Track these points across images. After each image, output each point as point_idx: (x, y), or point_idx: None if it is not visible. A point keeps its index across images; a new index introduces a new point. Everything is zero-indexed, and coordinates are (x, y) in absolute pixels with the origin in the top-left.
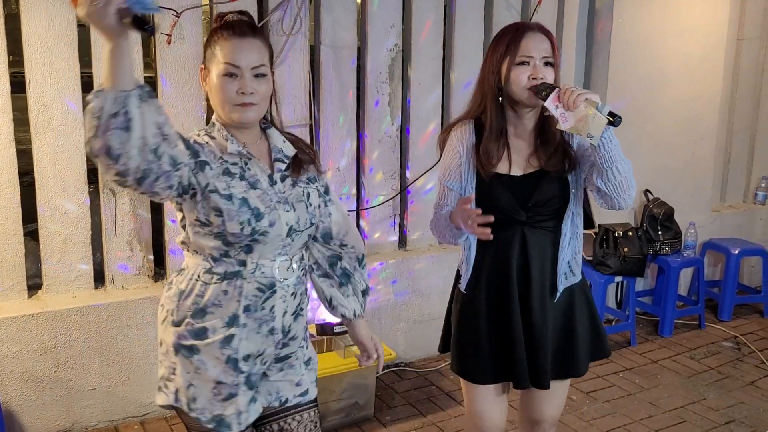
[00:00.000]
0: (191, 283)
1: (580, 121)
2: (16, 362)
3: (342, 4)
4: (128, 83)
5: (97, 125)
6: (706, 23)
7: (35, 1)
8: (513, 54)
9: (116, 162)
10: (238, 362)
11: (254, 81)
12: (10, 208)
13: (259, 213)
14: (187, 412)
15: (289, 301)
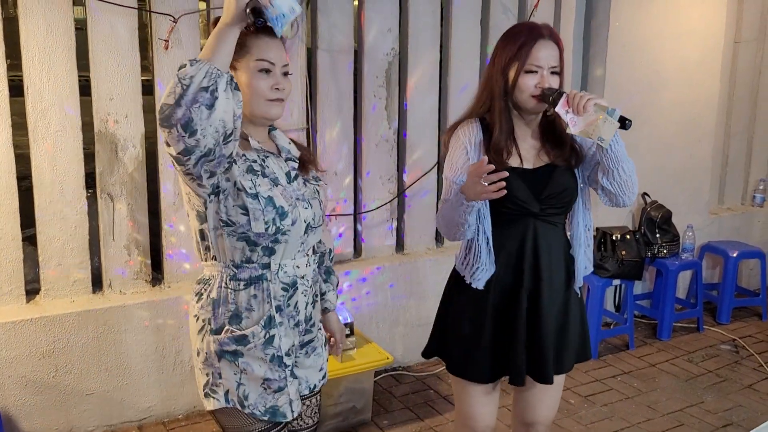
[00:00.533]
0: (222, 291)
1: (589, 125)
2: (15, 367)
3: (339, 8)
4: (225, 66)
5: (183, 93)
6: (704, 26)
7: (33, 6)
8: (523, 61)
9: (191, 136)
10: (282, 358)
11: (283, 79)
12: (8, 213)
13: (284, 212)
14: (241, 410)
15: (309, 293)
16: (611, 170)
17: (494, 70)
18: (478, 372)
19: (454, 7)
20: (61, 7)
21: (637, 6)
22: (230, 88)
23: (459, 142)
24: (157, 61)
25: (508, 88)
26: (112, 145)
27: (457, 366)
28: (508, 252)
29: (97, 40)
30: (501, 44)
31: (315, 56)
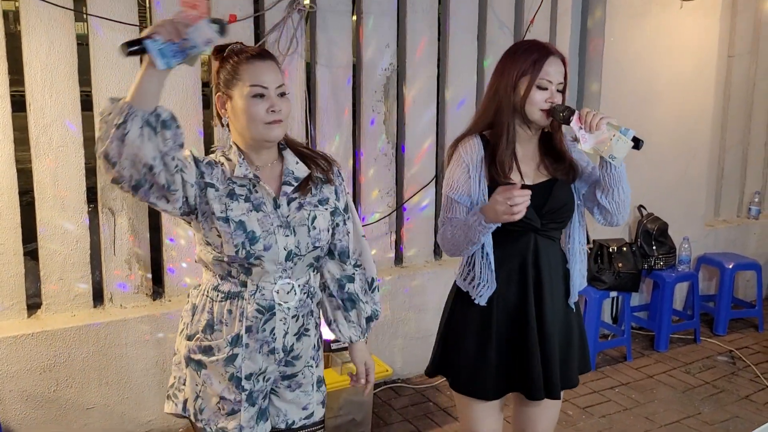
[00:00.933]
0: (203, 298)
1: (600, 143)
2: (16, 381)
3: (337, 24)
4: (144, 104)
5: (102, 129)
6: (697, 40)
7: (36, 24)
8: (535, 75)
9: (112, 167)
10: (240, 380)
11: (279, 100)
12: (10, 228)
13: (255, 237)
14: (194, 422)
15: (290, 323)
16: (612, 189)
17: (503, 83)
18: (485, 389)
19: (451, 22)
20: (63, 23)
21: (631, 21)
22: (148, 126)
23: (460, 160)
24: None
25: (517, 101)
26: None
27: (464, 384)
28: (509, 268)
29: (98, 56)
30: (511, 58)
31: (314, 71)
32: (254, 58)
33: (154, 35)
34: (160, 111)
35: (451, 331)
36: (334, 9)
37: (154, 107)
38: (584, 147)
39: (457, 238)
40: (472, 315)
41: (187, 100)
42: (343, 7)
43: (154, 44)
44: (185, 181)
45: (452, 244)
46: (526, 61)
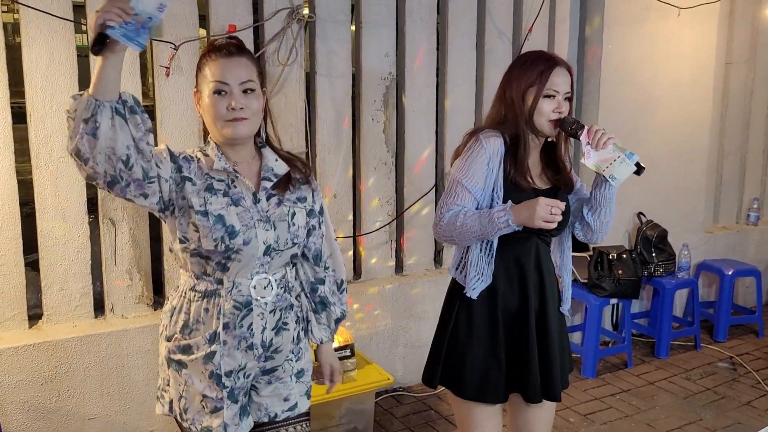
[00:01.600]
0: (181, 299)
1: (603, 162)
2: (17, 392)
3: (336, 34)
4: (108, 94)
5: (71, 126)
6: (695, 48)
7: (36, 35)
8: (542, 86)
9: (85, 164)
10: (221, 378)
11: (243, 96)
12: (11, 239)
13: (234, 231)
14: (180, 421)
15: (268, 318)
16: (600, 208)
17: (512, 93)
18: (495, 393)
19: (450, 31)
20: (63, 34)
21: (629, 28)
22: (117, 114)
23: (482, 151)
24: (158, 87)
25: (526, 111)
26: None
27: (473, 390)
28: (507, 268)
29: None
30: (518, 69)
31: (314, 81)
32: (221, 56)
33: (107, 23)
34: (125, 97)
35: (455, 339)
36: (333, 19)
37: (118, 95)
38: (587, 162)
39: (467, 229)
40: (478, 320)
41: (188, 112)
42: (342, 17)
43: (116, 32)
44: (160, 176)
45: (459, 233)
46: (533, 72)
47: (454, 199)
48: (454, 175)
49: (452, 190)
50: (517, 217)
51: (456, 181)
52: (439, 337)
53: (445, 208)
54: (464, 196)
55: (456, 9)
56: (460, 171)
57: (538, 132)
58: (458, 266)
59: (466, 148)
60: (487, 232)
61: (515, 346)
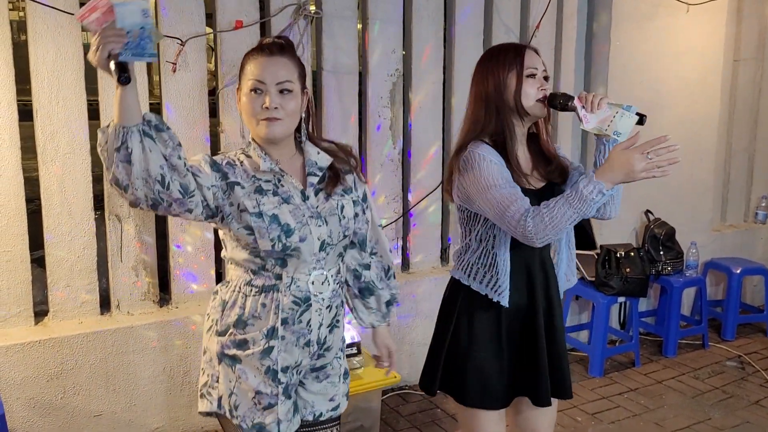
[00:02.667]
0: (234, 294)
1: (603, 122)
2: (23, 389)
3: (343, 30)
4: (132, 118)
5: (105, 158)
6: (703, 45)
7: (43, 31)
8: (521, 67)
9: (125, 192)
10: (277, 373)
11: (279, 96)
12: (17, 235)
13: (290, 229)
14: (230, 418)
15: (325, 314)
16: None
17: (491, 85)
18: (497, 398)
19: (457, 28)
20: (70, 31)
21: (637, 26)
22: (146, 136)
23: (486, 158)
24: (165, 84)
25: (510, 97)
26: None
27: (475, 396)
28: (517, 269)
29: None
30: (489, 62)
31: (320, 77)
32: (261, 54)
33: (113, 52)
34: (149, 117)
35: (456, 343)
36: (339, 15)
37: (141, 117)
38: (587, 126)
39: (559, 219)
40: (481, 324)
41: (194, 108)
42: (348, 13)
43: (126, 55)
44: (200, 185)
45: (552, 228)
46: (506, 58)
47: (508, 200)
48: (483, 188)
49: (496, 199)
50: (611, 180)
51: (490, 190)
52: (439, 341)
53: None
54: (511, 192)
55: (463, 5)
56: (486, 181)
57: (527, 116)
58: (477, 278)
59: (467, 165)
60: (584, 211)
61: (521, 348)
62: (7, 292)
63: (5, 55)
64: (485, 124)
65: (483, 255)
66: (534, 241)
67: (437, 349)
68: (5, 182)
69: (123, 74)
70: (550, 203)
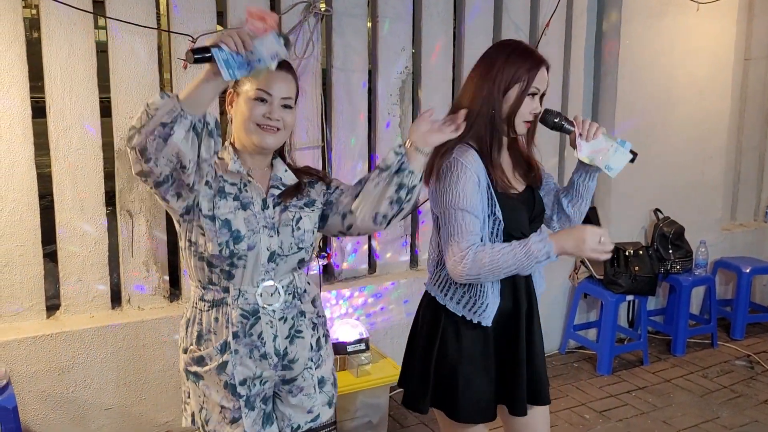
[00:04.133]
0: (193, 310)
1: (597, 153)
2: (35, 382)
3: (353, 28)
4: (195, 110)
5: (145, 122)
6: (713, 44)
7: (56, 27)
8: (529, 84)
9: (146, 162)
10: (235, 387)
11: (281, 110)
12: (30, 230)
13: (239, 236)
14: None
15: (279, 326)
16: (582, 200)
17: (494, 86)
18: (488, 411)
19: (466, 26)
20: (83, 28)
21: (647, 24)
22: (194, 132)
23: (467, 171)
24: (176, 80)
25: (506, 109)
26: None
27: (469, 412)
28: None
29: (117, 60)
30: (505, 60)
31: (330, 75)
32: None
33: (221, 44)
34: (209, 119)
35: (443, 359)
36: (349, 13)
37: (203, 113)
38: (580, 155)
39: (498, 266)
40: (469, 341)
41: None
42: (358, 11)
43: (221, 53)
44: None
45: (488, 271)
46: (522, 68)
47: (465, 228)
48: (452, 204)
49: (456, 220)
50: (560, 247)
51: (456, 209)
52: (424, 357)
53: (462, 244)
54: (472, 222)
55: (472, 3)
56: (457, 198)
57: (510, 131)
58: (454, 298)
59: (448, 173)
60: (524, 267)
61: (505, 355)
62: (19, 286)
63: (19, 51)
64: (477, 122)
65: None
66: (459, 277)
67: (424, 368)
68: (18, 177)
69: (198, 55)
70: (496, 247)
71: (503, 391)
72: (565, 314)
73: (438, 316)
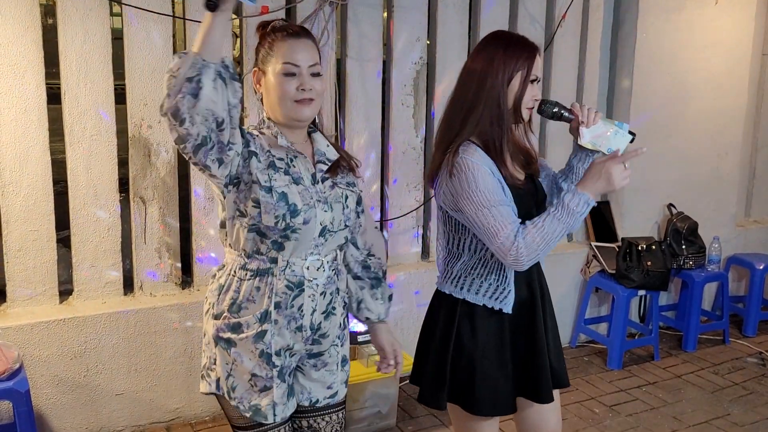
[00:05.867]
0: (229, 278)
1: (598, 137)
2: (47, 366)
3: (368, 17)
4: (213, 55)
5: (171, 85)
6: (731, 38)
7: (72, 14)
8: (529, 71)
9: (181, 124)
10: (271, 357)
11: (311, 80)
12: (44, 215)
13: (296, 209)
14: (228, 400)
15: (318, 300)
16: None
17: (498, 77)
18: (506, 404)
19: (482, 17)
20: (98, 14)
21: (664, 17)
22: (220, 78)
23: (480, 168)
24: None
25: (512, 97)
26: (145, 150)
27: (488, 406)
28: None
29: (132, 46)
30: (504, 50)
31: (344, 65)
32: (290, 36)
33: None
34: (227, 62)
35: (460, 354)
36: (365, 2)
37: (221, 58)
38: (582, 141)
39: (549, 236)
40: (485, 335)
41: None
42: (374, 0)
43: None
44: (237, 146)
45: (543, 245)
46: (521, 57)
47: (502, 222)
48: (480, 205)
49: (491, 218)
50: (594, 190)
51: (487, 208)
52: (440, 354)
53: (509, 238)
54: (506, 212)
55: None
56: (482, 197)
57: (517, 120)
58: (461, 283)
59: (461, 174)
60: (572, 224)
61: (522, 346)
62: (33, 270)
63: (35, 37)
64: (482, 116)
65: (479, 265)
66: (523, 265)
67: (440, 364)
68: (33, 162)
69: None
70: (537, 222)
71: (523, 384)
72: (576, 308)
73: (453, 312)
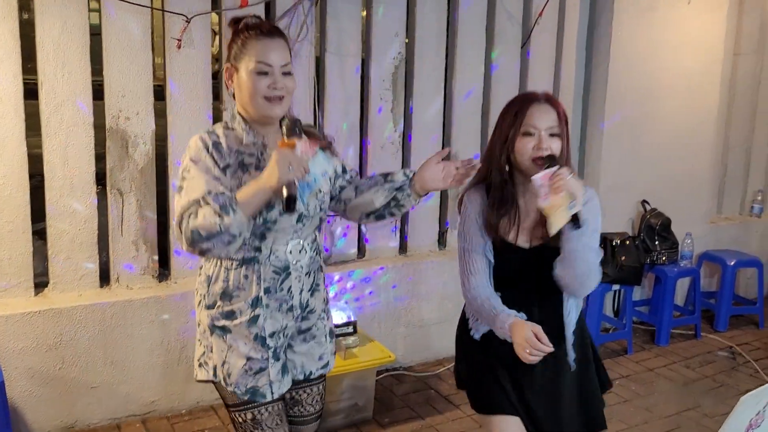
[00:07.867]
0: (216, 269)
1: (551, 208)
2: (22, 358)
3: (347, 12)
4: (252, 213)
5: (216, 234)
6: (704, 38)
7: (50, 4)
8: (518, 125)
9: (202, 255)
10: (265, 339)
11: (283, 78)
12: (18, 207)
13: (270, 204)
14: (225, 386)
15: (304, 280)
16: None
17: (495, 139)
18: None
19: (460, 13)
20: (76, 5)
21: (638, 17)
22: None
23: (467, 212)
24: (169, 60)
25: (507, 152)
26: (122, 142)
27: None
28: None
29: (110, 38)
30: (501, 116)
31: (323, 59)
32: (263, 35)
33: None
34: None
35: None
36: None
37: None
38: (539, 204)
39: (480, 315)
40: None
41: (198, 85)
42: None
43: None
44: None
45: (476, 311)
46: (512, 114)
47: (470, 267)
48: (460, 241)
49: (463, 258)
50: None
51: (461, 249)
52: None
53: (466, 281)
54: (476, 259)
55: None
56: (464, 239)
57: (523, 174)
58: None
59: (460, 211)
60: (493, 328)
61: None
62: (8, 262)
63: (11, 26)
64: (490, 165)
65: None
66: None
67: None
68: (9, 154)
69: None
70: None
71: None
72: None
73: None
